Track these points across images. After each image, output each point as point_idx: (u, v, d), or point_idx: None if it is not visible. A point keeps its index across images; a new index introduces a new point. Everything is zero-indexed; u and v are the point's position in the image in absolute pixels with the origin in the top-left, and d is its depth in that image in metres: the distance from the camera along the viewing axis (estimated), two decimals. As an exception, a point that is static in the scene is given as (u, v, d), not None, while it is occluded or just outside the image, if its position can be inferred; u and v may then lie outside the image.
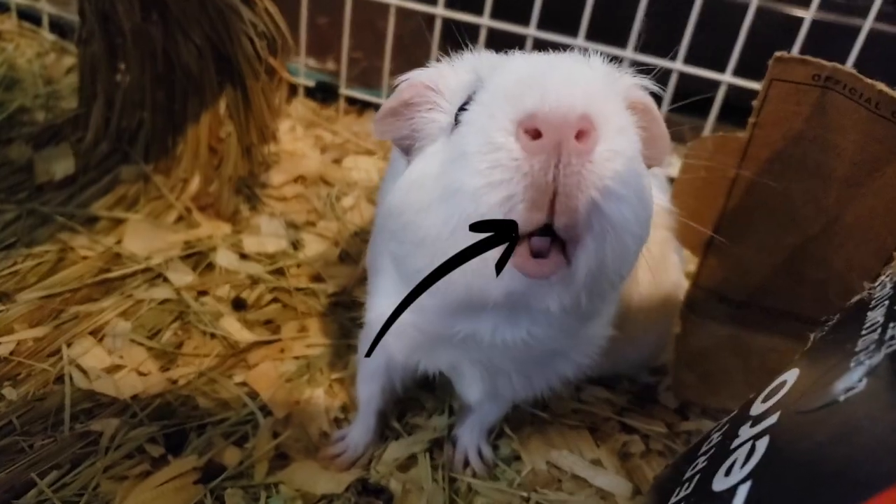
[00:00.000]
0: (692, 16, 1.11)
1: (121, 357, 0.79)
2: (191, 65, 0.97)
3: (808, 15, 1.07)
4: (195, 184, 1.05)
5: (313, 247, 1.02)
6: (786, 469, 0.35)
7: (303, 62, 1.38)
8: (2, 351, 0.76)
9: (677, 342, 0.85)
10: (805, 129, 0.67)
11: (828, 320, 0.47)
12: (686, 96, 1.18)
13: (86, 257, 0.91)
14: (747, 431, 0.41)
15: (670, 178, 0.83)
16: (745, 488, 0.35)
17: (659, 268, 0.74)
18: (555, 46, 1.19)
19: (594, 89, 0.43)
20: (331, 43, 1.47)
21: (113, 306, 0.85)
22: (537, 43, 1.21)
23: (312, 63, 1.47)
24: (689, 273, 1.04)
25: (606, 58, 0.51)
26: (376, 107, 1.38)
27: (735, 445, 0.41)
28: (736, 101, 1.16)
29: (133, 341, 0.81)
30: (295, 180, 1.17)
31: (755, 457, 0.37)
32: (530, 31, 1.20)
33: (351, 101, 1.42)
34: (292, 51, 1.05)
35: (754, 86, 1.12)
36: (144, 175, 1.05)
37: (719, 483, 0.38)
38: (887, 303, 0.42)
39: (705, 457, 0.44)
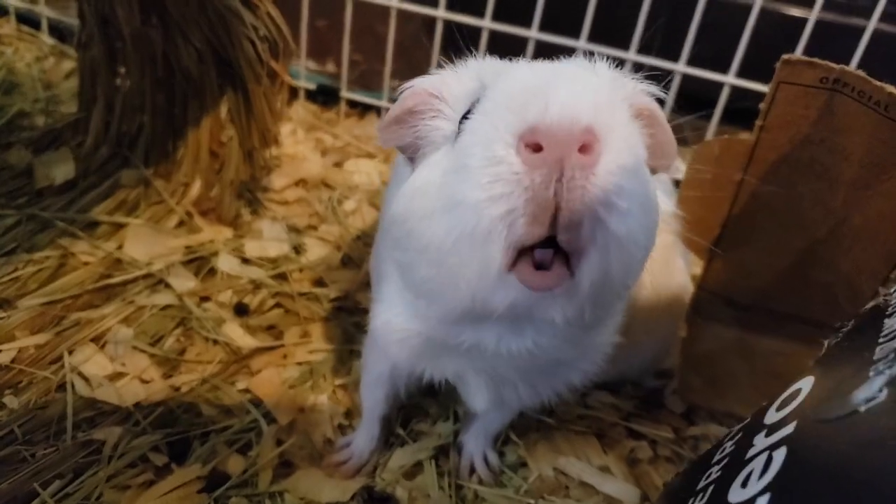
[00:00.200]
0: (695, 17, 1.11)
1: (123, 364, 0.78)
2: (191, 68, 0.96)
3: (810, 15, 1.06)
4: (196, 188, 1.05)
5: (315, 251, 1.02)
6: (807, 481, 0.34)
7: (304, 64, 1.38)
8: (3, 359, 0.75)
9: (683, 345, 0.85)
10: (812, 131, 0.66)
11: (842, 326, 0.46)
12: (687, 97, 1.19)
13: (87, 263, 0.91)
14: (763, 441, 0.40)
15: (676, 181, 0.82)
16: (763, 501, 0.35)
17: (665, 271, 0.74)
18: (557, 49, 1.20)
19: (599, 99, 0.42)
20: (330, 45, 1.47)
21: (114, 313, 0.84)
22: (539, 45, 1.20)
23: (312, 66, 1.46)
24: (695, 276, 1.04)
25: (611, 62, 0.51)
26: (377, 109, 1.37)
27: (750, 455, 0.40)
28: (733, 102, 1.16)
29: (135, 348, 0.80)
30: (296, 184, 1.17)
31: (773, 468, 0.36)
32: (532, 33, 1.20)
33: (352, 103, 1.41)
34: (294, 53, 1.04)
35: (756, 87, 1.12)
36: (145, 179, 1.04)
37: (736, 495, 0.38)
38: (904, 309, 0.41)
39: (719, 466, 0.44)
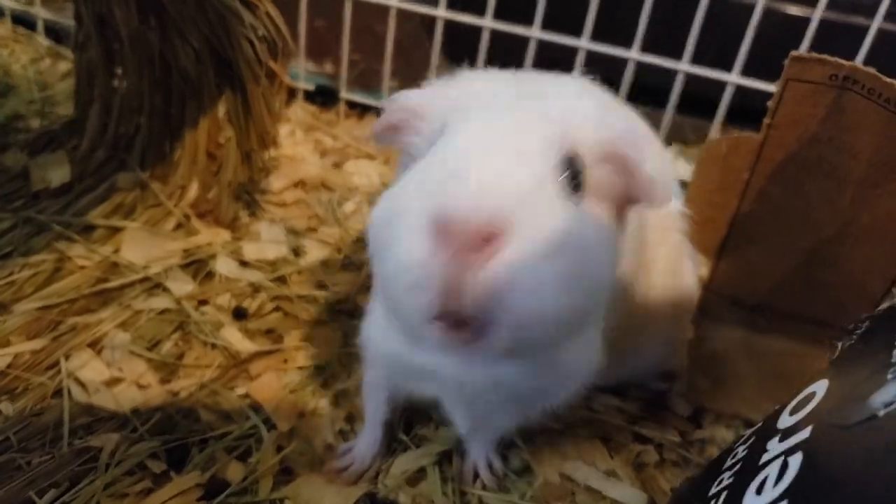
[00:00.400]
0: (698, 15, 1.10)
1: (120, 369, 0.77)
2: (189, 69, 0.95)
3: (812, 14, 1.05)
4: (194, 190, 1.03)
5: (315, 253, 1.00)
6: (825, 488, 0.33)
7: (303, 66, 1.37)
8: (-2, 364, 0.74)
9: (690, 347, 0.84)
10: (821, 130, 0.65)
11: (855, 328, 0.45)
12: (687, 96, 1.18)
13: (83, 267, 0.89)
14: (777, 446, 0.39)
15: (682, 181, 0.81)
16: (781, 509, 0.33)
17: (673, 272, 0.73)
18: (558, 48, 1.19)
19: (511, 185, 0.42)
20: (328, 46, 1.46)
21: (111, 317, 0.83)
22: (541, 44, 1.19)
23: (310, 66, 1.45)
24: (701, 277, 1.03)
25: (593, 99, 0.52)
26: (377, 110, 1.36)
27: (764, 461, 0.39)
28: (729, 102, 1.15)
29: (132, 353, 0.79)
30: (295, 185, 1.15)
31: (789, 474, 0.35)
32: (534, 32, 1.19)
33: (351, 104, 1.40)
34: (293, 54, 1.03)
35: (759, 86, 1.11)
36: (142, 182, 1.03)
37: (751, 501, 0.37)
38: (921, 311, 0.40)
39: (731, 472, 0.43)
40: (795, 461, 0.36)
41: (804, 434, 0.38)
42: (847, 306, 0.74)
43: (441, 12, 1.22)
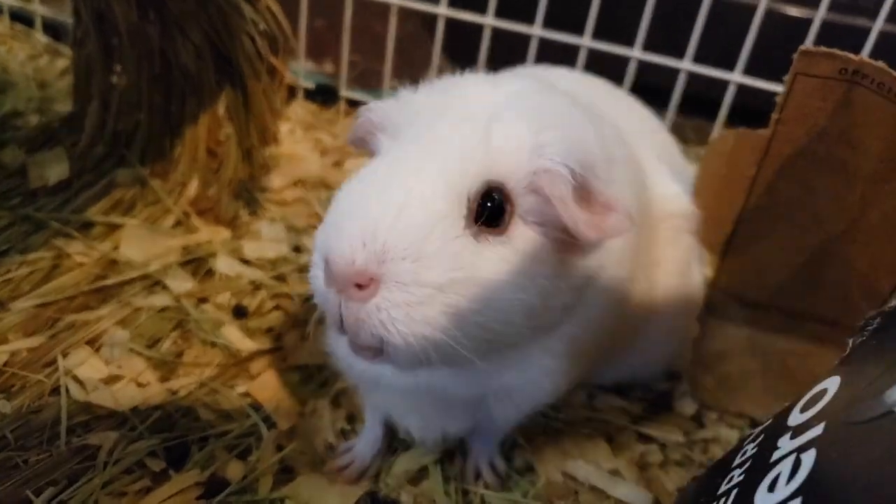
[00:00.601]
0: (700, 15, 1.09)
1: (119, 367, 0.76)
2: (189, 65, 0.94)
3: (811, 15, 1.05)
4: (193, 187, 1.03)
5: (315, 251, 0.99)
6: (839, 485, 0.32)
7: (303, 64, 1.36)
8: (-5, 362, 0.73)
9: (695, 345, 0.83)
10: (829, 124, 0.64)
11: (866, 325, 0.44)
12: (687, 96, 1.17)
13: (81, 264, 0.88)
14: (788, 443, 0.39)
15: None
16: (795, 506, 0.33)
17: (682, 272, 0.72)
18: (560, 46, 1.18)
19: (386, 237, 0.45)
20: (328, 45, 1.46)
21: (110, 315, 0.82)
22: (542, 43, 1.19)
23: (310, 66, 1.44)
24: (707, 275, 1.02)
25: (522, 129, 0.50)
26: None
27: (776, 458, 0.38)
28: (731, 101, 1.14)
29: (131, 351, 0.78)
30: (295, 184, 1.15)
31: (802, 471, 0.35)
32: (535, 30, 1.18)
33: (351, 102, 1.39)
34: (294, 49, 1.03)
35: (761, 85, 1.10)
36: (141, 179, 1.02)
37: (763, 499, 0.36)
38: (934, 305, 0.40)
39: (741, 470, 0.42)
40: (809, 458, 0.35)
41: (817, 430, 0.37)
42: (854, 304, 0.73)
43: (442, 10, 1.21)
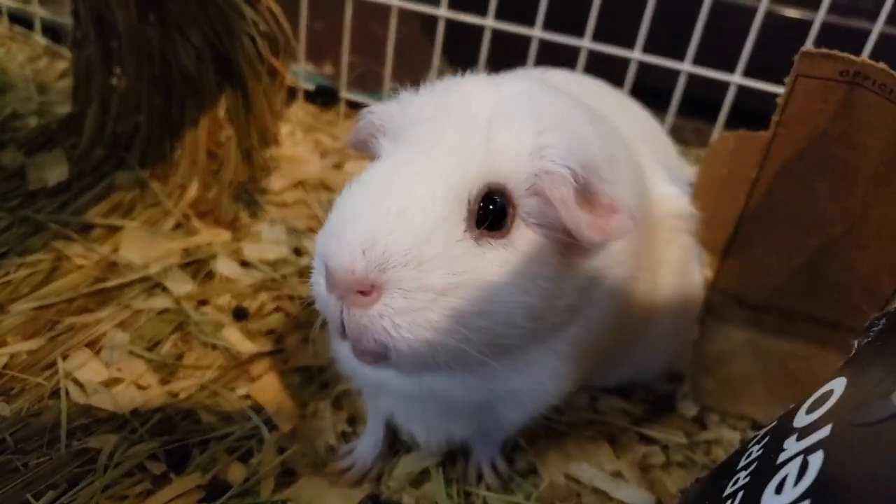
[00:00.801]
0: (701, 17, 1.09)
1: (119, 370, 0.76)
2: (189, 67, 0.94)
3: (808, 16, 1.05)
4: (193, 190, 1.02)
5: (316, 253, 0.99)
6: (848, 486, 0.32)
7: (303, 66, 1.36)
8: (-6, 364, 0.73)
9: (696, 347, 0.83)
10: (831, 126, 0.64)
11: (872, 326, 0.44)
12: (686, 98, 1.17)
13: (81, 266, 0.88)
14: (795, 445, 0.38)
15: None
16: (803, 508, 0.32)
17: (683, 273, 0.72)
18: (560, 48, 1.18)
19: (386, 244, 0.44)
20: (327, 48, 1.46)
21: (110, 317, 0.82)
22: (542, 44, 1.19)
23: (309, 68, 1.44)
24: (707, 277, 1.02)
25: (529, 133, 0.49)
26: (377, 110, 1.35)
27: (782, 460, 0.38)
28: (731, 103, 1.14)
29: (131, 353, 0.78)
30: (295, 186, 1.14)
31: (810, 473, 0.34)
32: (535, 32, 1.18)
33: (351, 104, 1.39)
34: (294, 51, 1.02)
35: (761, 87, 1.10)
36: (141, 181, 1.02)
37: (770, 501, 0.36)
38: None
39: (747, 472, 0.42)
40: (816, 460, 0.35)
41: (824, 432, 0.37)
42: (855, 306, 0.73)
43: (443, 12, 1.21)
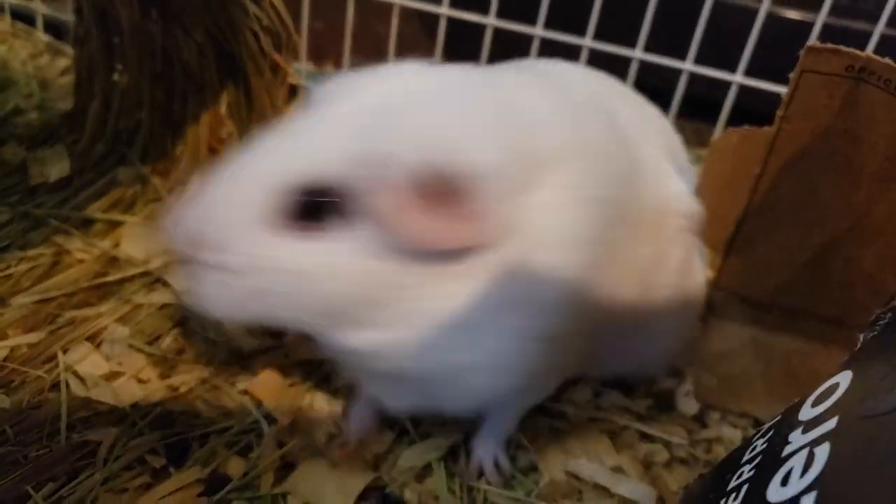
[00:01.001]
0: (703, 15, 1.09)
1: (119, 364, 0.75)
2: (191, 63, 0.94)
3: (809, 17, 1.05)
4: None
5: (317, 250, 0.99)
6: (855, 478, 0.32)
7: (304, 64, 1.36)
8: (-6, 357, 0.73)
9: (697, 345, 0.83)
10: (835, 122, 0.64)
11: (877, 320, 0.44)
12: (687, 99, 1.17)
13: (82, 261, 0.88)
14: (800, 438, 0.38)
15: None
16: (809, 499, 0.32)
17: (686, 271, 0.72)
18: (562, 46, 1.18)
19: (212, 218, 0.52)
20: (328, 47, 1.47)
21: (110, 311, 0.82)
22: (544, 43, 1.19)
23: (310, 68, 1.44)
24: (709, 274, 1.02)
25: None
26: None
27: (787, 453, 0.38)
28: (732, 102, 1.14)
29: (132, 347, 0.78)
30: (297, 182, 1.14)
31: (816, 465, 0.34)
32: (537, 30, 1.18)
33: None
34: (297, 47, 1.02)
35: (763, 86, 1.11)
36: (142, 177, 1.02)
37: (776, 493, 0.36)
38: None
39: (751, 466, 0.41)
40: (822, 452, 0.35)
41: (830, 424, 0.36)
42: (859, 303, 0.73)
43: (444, 10, 1.21)
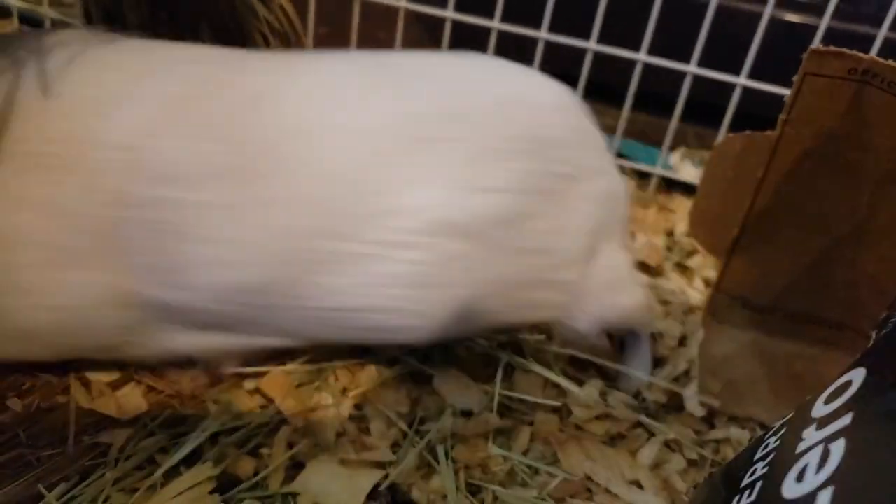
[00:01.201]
0: (707, 18, 1.10)
1: (129, 366, 0.76)
2: (198, 66, 0.94)
3: (813, 22, 1.06)
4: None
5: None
6: (873, 473, 0.32)
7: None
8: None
9: (700, 349, 0.83)
10: (838, 125, 0.65)
11: (889, 317, 0.45)
12: (689, 102, 1.18)
13: (90, 263, 0.88)
14: (814, 434, 0.39)
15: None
16: (826, 495, 0.33)
17: None
18: (565, 50, 1.19)
19: None
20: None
21: (119, 313, 0.82)
22: (548, 45, 1.20)
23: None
24: (710, 278, 1.03)
25: None
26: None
27: (802, 450, 0.39)
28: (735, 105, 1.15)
29: (141, 349, 0.78)
30: (301, 185, 1.14)
31: (832, 461, 0.35)
32: (542, 34, 1.19)
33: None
34: (306, 48, 1.03)
35: (767, 88, 1.12)
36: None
37: (791, 490, 0.36)
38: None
39: (764, 462, 0.42)
40: (838, 448, 0.35)
41: (845, 420, 0.37)
42: (862, 306, 0.74)
43: (449, 13, 1.22)
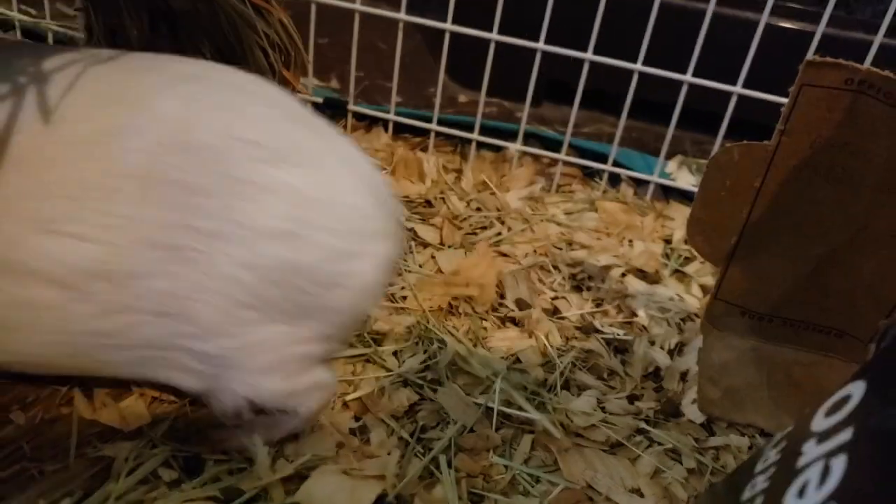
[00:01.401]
0: (703, 27, 1.11)
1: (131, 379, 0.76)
2: (199, 79, 0.95)
3: (809, 29, 1.07)
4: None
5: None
6: (875, 489, 0.33)
7: (311, 78, 1.37)
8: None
9: (699, 357, 0.84)
10: (835, 135, 0.66)
11: (889, 328, 0.45)
12: (685, 110, 1.19)
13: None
14: (815, 449, 0.39)
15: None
16: (827, 509, 0.33)
17: None
18: (563, 60, 1.19)
19: None
20: (332, 63, 1.52)
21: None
22: (545, 55, 1.20)
23: (316, 82, 1.46)
24: (709, 286, 1.03)
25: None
26: (384, 122, 1.37)
27: (803, 464, 0.39)
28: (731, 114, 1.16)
29: (143, 361, 0.78)
30: (302, 196, 1.15)
31: (833, 477, 0.35)
32: (540, 45, 1.20)
33: (359, 117, 1.40)
34: (306, 64, 1.04)
35: (765, 97, 1.12)
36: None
37: (793, 504, 0.36)
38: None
39: (765, 476, 0.42)
40: (839, 463, 0.36)
41: (846, 435, 0.37)
42: (860, 313, 0.74)
43: (448, 25, 1.22)
